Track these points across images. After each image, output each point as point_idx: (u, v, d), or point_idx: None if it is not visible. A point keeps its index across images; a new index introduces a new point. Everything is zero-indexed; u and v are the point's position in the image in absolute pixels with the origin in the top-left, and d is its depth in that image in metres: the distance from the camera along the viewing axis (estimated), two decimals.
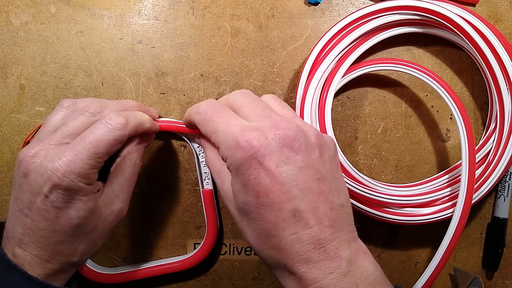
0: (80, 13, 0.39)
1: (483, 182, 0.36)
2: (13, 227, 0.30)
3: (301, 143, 0.26)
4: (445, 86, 0.35)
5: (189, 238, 0.40)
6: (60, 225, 0.29)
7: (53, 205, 0.28)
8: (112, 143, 0.29)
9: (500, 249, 0.39)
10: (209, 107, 0.29)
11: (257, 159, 0.25)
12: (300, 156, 0.25)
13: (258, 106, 0.28)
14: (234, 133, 0.26)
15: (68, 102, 0.32)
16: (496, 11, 0.40)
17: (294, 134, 0.26)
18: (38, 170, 0.28)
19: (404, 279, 0.40)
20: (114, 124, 0.29)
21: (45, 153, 0.29)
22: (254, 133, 0.25)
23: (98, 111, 0.31)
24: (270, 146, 0.25)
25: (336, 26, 0.37)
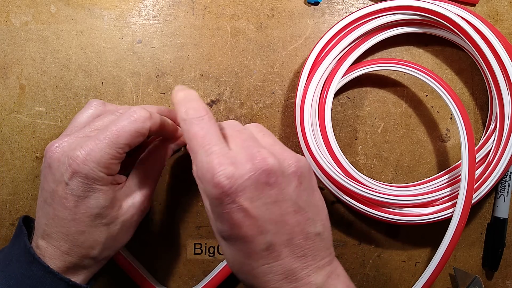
0: (80, 13, 0.39)
1: (483, 182, 0.36)
2: (38, 219, 0.31)
3: (276, 176, 0.25)
4: (445, 86, 0.35)
5: (189, 238, 0.40)
6: (80, 214, 0.29)
7: (73, 193, 0.29)
8: (134, 134, 0.29)
9: (500, 249, 0.39)
10: (195, 121, 0.27)
11: (229, 196, 0.25)
12: (275, 190, 0.25)
13: (240, 137, 0.28)
14: (211, 166, 0.25)
15: (97, 101, 0.33)
16: (496, 11, 0.40)
17: (269, 168, 0.25)
18: (61, 159, 0.29)
19: (404, 279, 0.40)
20: (137, 116, 0.30)
21: (69, 144, 0.30)
22: (229, 169, 0.25)
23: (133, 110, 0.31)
24: (244, 182, 0.25)
25: (336, 26, 0.37)
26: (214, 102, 0.39)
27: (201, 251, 0.40)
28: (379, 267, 0.40)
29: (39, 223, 0.30)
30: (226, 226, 0.26)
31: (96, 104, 0.33)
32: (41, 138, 0.39)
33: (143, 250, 0.40)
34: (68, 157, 0.28)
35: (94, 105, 0.33)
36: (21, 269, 0.29)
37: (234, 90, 0.40)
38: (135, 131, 0.29)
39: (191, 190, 0.40)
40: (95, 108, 0.33)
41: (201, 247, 0.40)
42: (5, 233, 0.40)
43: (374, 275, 0.40)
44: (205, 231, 0.40)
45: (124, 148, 0.29)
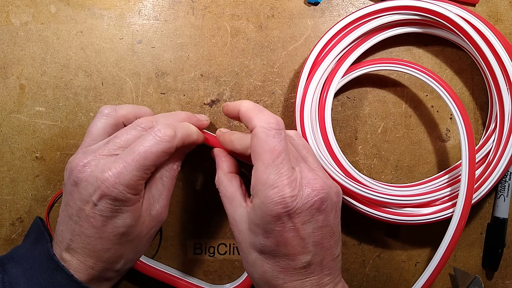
0: (80, 13, 0.39)
1: (483, 182, 0.36)
2: (62, 232, 0.30)
3: (327, 205, 0.28)
4: (445, 86, 0.35)
5: (189, 238, 0.40)
6: (107, 233, 0.29)
7: (101, 214, 0.29)
8: (160, 155, 0.30)
9: (500, 249, 0.39)
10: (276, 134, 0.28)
11: (289, 215, 0.27)
12: (322, 216, 0.28)
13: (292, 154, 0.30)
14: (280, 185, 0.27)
15: (108, 109, 0.33)
16: (496, 11, 0.40)
17: (324, 197, 0.28)
18: (89, 179, 0.29)
19: (404, 279, 0.40)
20: (162, 136, 0.30)
21: (96, 163, 0.29)
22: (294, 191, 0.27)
23: (149, 126, 0.31)
24: (303, 206, 0.27)
25: (336, 26, 0.37)
26: (214, 102, 0.40)
27: (201, 251, 0.40)
28: (379, 267, 0.40)
29: (63, 237, 0.30)
30: (270, 242, 0.28)
31: (108, 112, 0.32)
32: (41, 138, 0.39)
33: None
34: (97, 179, 0.28)
35: (106, 113, 0.32)
36: (44, 275, 0.29)
37: (234, 90, 0.40)
38: (162, 151, 0.30)
39: (191, 190, 0.40)
40: (108, 116, 0.32)
41: (201, 247, 0.40)
42: (5, 233, 0.40)
43: (374, 275, 0.40)
44: (205, 231, 0.40)
45: (150, 168, 0.30)
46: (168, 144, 0.30)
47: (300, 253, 0.28)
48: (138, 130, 0.31)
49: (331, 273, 0.29)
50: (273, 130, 0.28)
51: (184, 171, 0.40)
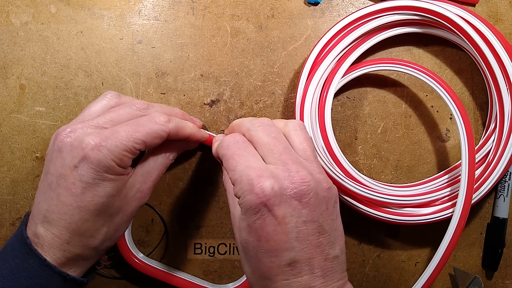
0: (80, 13, 0.39)
1: (483, 182, 0.36)
2: (38, 204, 0.30)
3: (310, 197, 0.27)
4: (445, 86, 0.35)
5: (189, 238, 0.40)
6: (86, 201, 0.28)
7: (81, 179, 0.28)
8: (152, 134, 0.30)
9: (500, 249, 0.39)
10: (232, 143, 0.29)
11: (267, 206, 0.26)
12: (306, 210, 0.26)
13: (277, 147, 0.28)
14: (250, 177, 0.26)
15: (111, 93, 0.33)
16: (496, 11, 0.40)
17: (306, 188, 0.27)
18: (74, 143, 0.29)
19: (404, 279, 0.40)
20: (157, 119, 0.30)
21: (83, 130, 0.29)
22: (269, 181, 0.26)
23: (144, 107, 0.32)
24: (281, 196, 0.26)
25: (336, 26, 0.37)
26: (214, 102, 0.40)
27: (201, 251, 0.40)
28: (379, 267, 0.40)
29: (39, 208, 0.29)
30: (253, 237, 0.27)
31: (111, 96, 0.33)
32: (41, 138, 0.39)
33: (143, 250, 0.40)
34: (82, 141, 0.28)
35: (109, 97, 0.33)
36: (16, 260, 0.28)
37: (234, 90, 0.40)
38: (154, 132, 0.30)
39: (191, 190, 0.40)
40: (110, 99, 0.33)
41: (201, 247, 0.40)
42: (5, 233, 0.40)
43: (374, 275, 0.40)
44: (205, 231, 0.40)
45: (140, 144, 0.29)
46: (162, 127, 0.30)
47: (283, 249, 0.26)
48: (133, 109, 0.32)
49: (324, 275, 0.27)
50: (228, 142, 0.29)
51: (184, 171, 0.40)
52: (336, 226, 0.29)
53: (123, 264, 0.38)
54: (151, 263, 0.38)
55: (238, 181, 0.27)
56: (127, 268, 0.39)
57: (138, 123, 0.30)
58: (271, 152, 0.28)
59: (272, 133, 0.29)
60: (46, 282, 0.28)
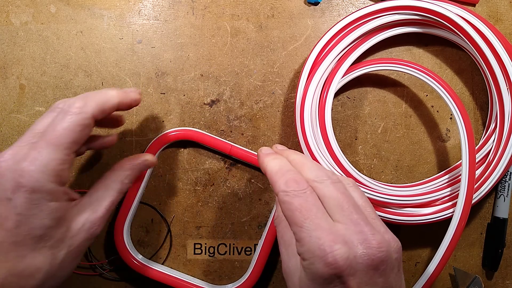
0: (80, 13, 0.39)
1: (483, 182, 0.36)
2: None
3: (386, 265, 0.25)
4: (445, 86, 0.35)
5: (189, 238, 0.40)
6: (21, 236, 0.25)
7: (15, 211, 0.25)
8: (75, 128, 0.27)
9: (500, 249, 0.38)
10: (298, 192, 0.26)
11: (340, 278, 0.24)
12: (382, 278, 0.24)
13: (347, 204, 0.26)
14: (322, 242, 0.24)
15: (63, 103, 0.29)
16: (496, 11, 0.40)
17: (383, 256, 0.24)
18: (5, 173, 0.25)
19: (404, 279, 0.40)
20: (72, 109, 0.27)
21: (12, 156, 0.26)
22: (343, 250, 0.24)
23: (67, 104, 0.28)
24: (356, 265, 0.24)
25: (336, 26, 0.37)
26: (214, 102, 0.40)
27: (201, 251, 0.40)
28: None
29: None
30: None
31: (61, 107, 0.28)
32: None
33: (143, 251, 0.40)
34: (13, 170, 0.25)
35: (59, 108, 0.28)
36: None
37: (234, 90, 0.40)
38: (75, 125, 0.27)
39: (191, 190, 0.40)
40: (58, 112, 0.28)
41: (201, 247, 0.40)
42: None
43: None
44: (205, 231, 0.40)
45: (71, 147, 0.27)
46: (80, 116, 0.27)
47: None
48: (57, 111, 0.28)
49: None
50: (295, 191, 0.26)
51: (184, 171, 0.40)
52: (402, 283, 0.26)
53: (123, 267, 0.38)
54: (151, 265, 0.38)
55: (305, 241, 0.25)
56: (127, 271, 0.39)
57: (54, 127, 0.27)
58: (341, 209, 0.26)
59: (341, 188, 0.27)
60: None
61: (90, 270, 0.39)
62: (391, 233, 0.26)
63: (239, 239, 0.40)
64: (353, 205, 0.26)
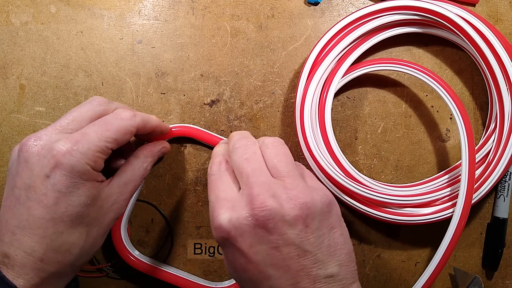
0: (80, 13, 0.39)
1: (483, 182, 0.36)
2: (6, 222, 0.27)
3: (275, 221, 0.25)
4: (445, 86, 0.35)
5: (189, 238, 0.40)
6: (59, 212, 0.26)
7: (54, 188, 0.26)
8: (122, 131, 0.29)
9: (500, 249, 0.38)
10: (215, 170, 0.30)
11: (229, 240, 0.25)
12: (274, 236, 0.25)
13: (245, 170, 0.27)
14: (213, 210, 0.26)
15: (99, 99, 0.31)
16: (496, 11, 0.40)
17: (267, 214, 0.25)
18: (41, 152, 0.27)
19: (404, 279, 0.40)
20: (123, 115, 0.30)
21: (49, 137, 0.27)
22: (226, 214, 0.25)
23: (103, 102, 0.31)
24: (242, 226, 0.25)
25: (336, 26, 0.37)
26: (214, 102, 0.39)
27: (201, 251, 0.40)
28: (379, 267, 0.40)
29: (7, 227, 0.27)
30: (232, 269, 0.27)
31: (98, 102, 0.31)
32: None
33: (143, 250, 0.40)
34: (51, 149, 0.26)
35: (96, 102, 0.31)
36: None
37: (234, 90, 0.40)
38: (123, 127, 0.29)
39: (191, 190, 0.40)
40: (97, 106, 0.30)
41: (201, 247, 0.40)
42: None
43: (374, 275, 0.40)
44: (205, 231, 0.40)
45: (112, 143, 0.28)
46: (130, 122, 0.30)
47: (261, 279, 0.25)
48: (93, 104, 0.30)
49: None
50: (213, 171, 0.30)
51: (184, 171, 0.40)
52: (328, 242, 0.26)
53: (123, 266, 0.38)
54: (146, 261, 0.38)
55: (209, 212, 0.27)
56: (127, 270, 0.39)
57: (106, 121, 0.29)
58: (241, 176, 0.27)
59: (245, 154, 0.28)
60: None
61: (92, 271, 0.39)
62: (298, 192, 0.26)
63: None
64: (252, 169, 0.27)
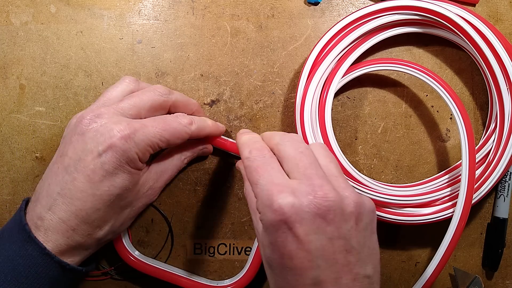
0: (80, 13, 0.39)
1: (483, 182, 0.36)
2: (49, 186, 0.29)
3: (335, 213, 0.25)
4: (445, 86, 0.35)
5: (189, 238, 0.40)
6: (101, 190, 0.28)
7: (103, 166, 0.28)
8: (176, 134, 0.31)
9: (500, 249, 0.39)
10: (258, 156, 0.29)
11: (287, 224, 0.25)
12: (331, 227, 0.25)
13: (303, 161, 0.27)
14: (271, 193, 0.25)
15: (129, 78, 0.33)
16: (496, 11, 0.40)
17: (330, 204, 0.25)
18: (100, 130, 0.28)
19: (404, 279, 0.40)
20: (182, 121, 0.31)
21: (109, 117, 0.29)
22: (289, 198, 0.25)
23: (165, 93, 0.33)
24: (302, 213, 0.25)
25: (336, 26, 0.37)
26: (214, 102, 0.40)
27: (201, 251, 0.40)
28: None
29: (49, 191, 0.29)
30: (276, 255, 0.26)
31: (129, 81, 0.33)
32: (41, 138, 0.39)
33: (143, 251, 0.40)
34: (112, 129, 0.28)
35: (127, 81, 0.33)
36: (14, 246, 0.28)
37: (234, 90, 0.40)
38: (179, 132, 0.31)
39: (191, 190, 0.40)
40: (128, 83, 0.33)
41: (201, 247, 0.40)
42: None
43: None
44: (205, 231, 0.40)
45: (164, 142, 0.30)
46: (185, 129, 0.31)
47: (307, 268, 0.25)
48: (156, 93, 0.32)
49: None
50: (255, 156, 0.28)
51: (184, 171, 0.40)
52: (369, 243, 0.27)
53: (126, 270, 0.38)
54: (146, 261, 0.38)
55: (259, 195, 0.26)
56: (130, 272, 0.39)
57: (165, 121, 0.31)
58: (297, 167, 0.27)
59: (300, 148, 0.28)
60: (45, 270, 0.28)
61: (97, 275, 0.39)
62: (352, 191, 0.27)
63: (239, 239, 0.40)
64: (310, 162, 0.27)
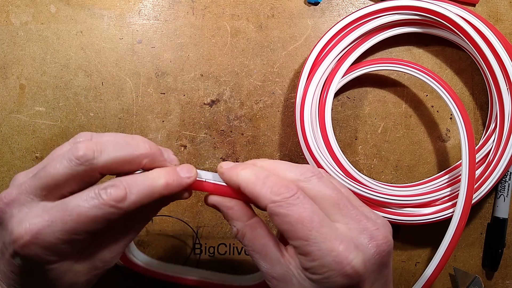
0: (80, 13, 0.39)
1: (483, 182, 0.36)
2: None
3: (390, 255, 0.24)
4: (445, 86, 0.35)
5: (189, 238, 0.40)
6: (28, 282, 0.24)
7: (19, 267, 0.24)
8: (99, 221, 0.23)
9: (500, 249, 0.38)
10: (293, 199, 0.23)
11: (359, 283, 0.22)
12: (387, 270, 0.24)
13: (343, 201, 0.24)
14: (336, 254, 0.22)
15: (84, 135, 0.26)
16: (496, 11, 0.40)
17: (389, 248, 0.23)
18: (7, 226, 0.24)
19: (404, 279, 0.40)
20: (107, 198, 0.23)
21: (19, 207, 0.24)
22: (359, 257, 0.22)
23: (87, 158, 0.23)
24: (372, 268, 0.23)
25: (336, 26, 0.37)
26: (214, 102, 0.40)
27: (201, 251, 0.40)
28: None
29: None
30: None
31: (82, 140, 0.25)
32: (41, 138, 0.39)
33: (143, 251, 0.40)
34: (12, 231, 0.23)
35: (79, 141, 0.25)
36: None
37: (234, 90, 0.40)
38: (101, 217, 0.23)
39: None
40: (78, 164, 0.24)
41: (201, 247, 0.40)
42: None
43: None
44: (205, 231, 0.40)
45: (82, 234, 0.23)
46: (113, 210, 0.23)
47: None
48: (73, 163, 0.23)
49: None
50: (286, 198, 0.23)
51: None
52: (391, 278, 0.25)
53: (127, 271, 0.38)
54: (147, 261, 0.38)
55: (316, 255, 0.22)
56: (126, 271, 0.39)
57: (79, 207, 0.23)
58: (338, 208, 0.24)
59: (330, 184, 0.25)
60: None
61: None
62: (382, 218, 0.25)
63: None
64: (348, 200, 0.24)
